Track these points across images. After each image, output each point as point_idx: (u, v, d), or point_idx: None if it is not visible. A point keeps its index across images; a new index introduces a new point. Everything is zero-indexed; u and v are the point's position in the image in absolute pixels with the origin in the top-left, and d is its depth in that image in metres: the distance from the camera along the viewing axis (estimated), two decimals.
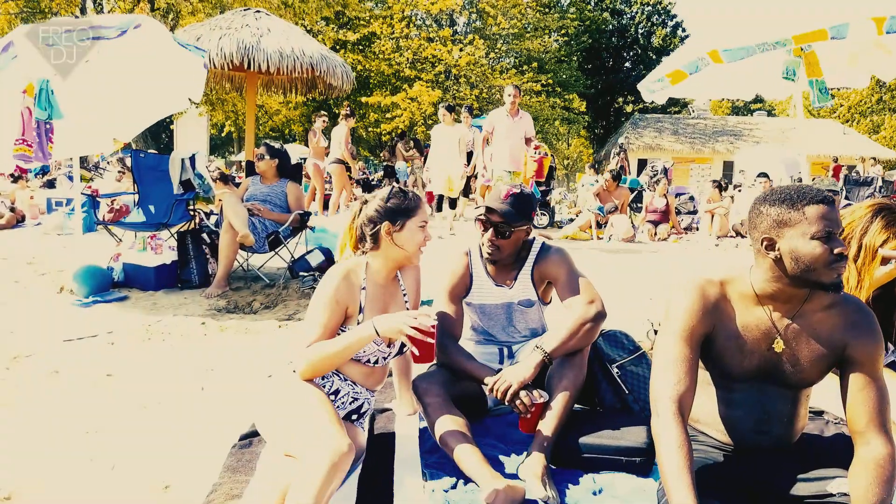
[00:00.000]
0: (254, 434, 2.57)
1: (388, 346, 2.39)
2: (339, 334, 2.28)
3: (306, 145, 34.71)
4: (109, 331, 4.08)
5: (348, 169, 11.08)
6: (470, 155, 10.86)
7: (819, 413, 2.71)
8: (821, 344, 1.90)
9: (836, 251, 1.74)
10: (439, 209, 10.75)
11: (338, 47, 25.70)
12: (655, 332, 3.84)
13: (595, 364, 2.68)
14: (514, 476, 2.25)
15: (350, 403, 2.37)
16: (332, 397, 2.32)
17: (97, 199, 6.40)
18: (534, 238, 2.79)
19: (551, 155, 8.94)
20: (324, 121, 11.32)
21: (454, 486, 2.21)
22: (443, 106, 9.73)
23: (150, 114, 5.91)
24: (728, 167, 28.75)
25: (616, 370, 2.66)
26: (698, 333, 1.90)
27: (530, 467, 2.19)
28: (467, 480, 2.22)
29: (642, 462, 2.30)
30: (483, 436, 2.57)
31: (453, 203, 10.02)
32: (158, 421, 2.78)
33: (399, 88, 27.15)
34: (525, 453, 2.33)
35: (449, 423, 2.31)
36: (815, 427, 2.52)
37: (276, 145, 5.71)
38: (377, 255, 2.40)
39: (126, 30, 4.82)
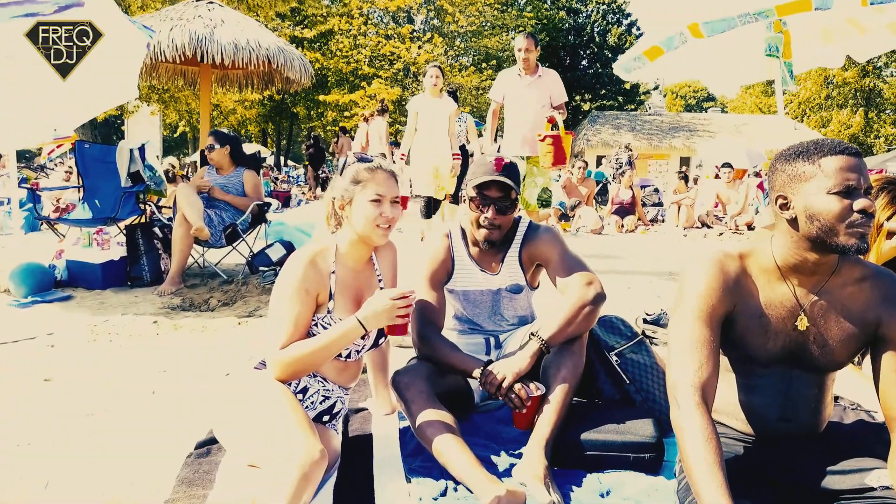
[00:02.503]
0: (212, 441, 2.26)
1: (363, 337, 2.12)
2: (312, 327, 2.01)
3: (264, 145, 33.97)
4: (49, 332, 3.71)
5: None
6: (463, 150, 8.63)
7: (834, 399, 2.52)
8: (851, 321, 1.69)
9: (857, 207, 1.52)
10: (428, 215, 7.29)
11: (294, 45, 25.21)
12: (644, 320, 3.64)
13: (591, 352, 2.44)
14: (509, 477, 2.00)
15: (321, 403, 2.10)
16: (300, 396, 2.05)
17: (38, 192, 5.95)
18: (519, 217, 2.55)
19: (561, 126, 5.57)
20: (371, 115, 10.96)
21: (444, 493, 1.95)
22: (431, 65, 6.79)
23: (96, 103, 5.49)
24: (685, 162, 29.05)
25: (615, 358, 2.42)
26: (718, 313, 1.68)
27: (530, 468, 1.95)
28: (458, 485, 1.97)
29: (652, 458, 2.07)
30: (472, 434, 2.31)
31: (436, 206, 7.28)
32: (103, 429, 2.45)
33: (357, 86, 26.76)
34: (522, 453, 2.08)
35: (435, 422, 2.05)
36: (835, 414, 2.32)
37: (226, 131, 5.36)
38: (344, 235, 2.14)
39: (67, 6, 4.43)
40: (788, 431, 1.79)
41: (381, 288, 2.23)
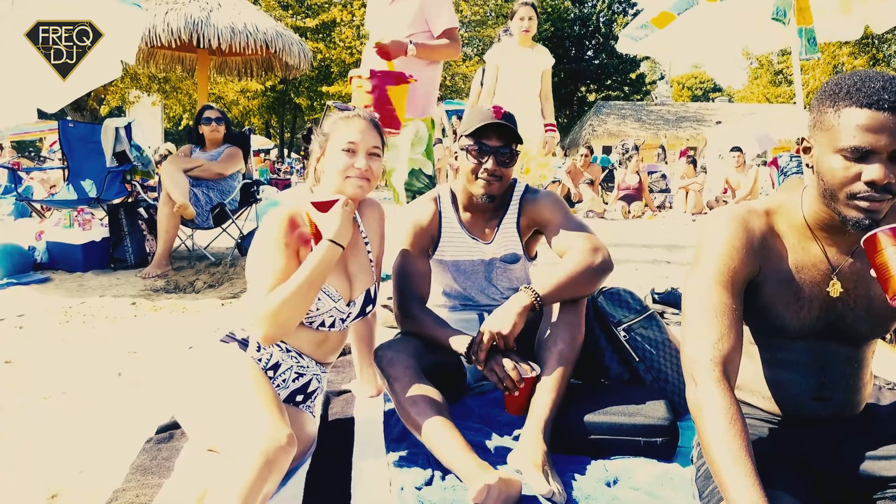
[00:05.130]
0: (175, 426, 2.04)
1: (348, 304, 1.90)
2: None
3: (268, 137, 33.80)
4: (20, 314, 3.49)
5: None
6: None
7: None
8: None
9: (865, 178, 1.25)
10: None
11: (297, 35, 24.99)
12: (654, 299, 3.41)
13: (597, 327, 2.21)
14: (504, 464, 1.77)
15: (294, 381, 1.87)
16: (271, 374, 1.82)
17: (18, 172, 5.74)
18: (514, 179, 2.30)
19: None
20: None
21: (429, 482, 1.72)
22: (522, 2, 4.73)
23: (81, 82, 5.27)
24: (690, 156, 28.76)
25: (622, 333, 2.19)
26: (741, 277, 1.43)
27: (527, 455, 1.71)
28: (446, 474, 1.74)
29: (665, 443, 1.84)
30: (464, 418, 2.08)
31: None
32: (58, 413, 2.23)
33: None
34: (517, 438, 1.85)
35: (421, 401, 1.81)
36: (871, 395, 2.09)
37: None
38: (321, 192, 1.93)
39: None
40: (824, 412, 1.55)
41: (369, 251, 2.01)
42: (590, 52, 39.64)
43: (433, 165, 3.78)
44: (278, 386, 1.84)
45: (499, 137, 2.09)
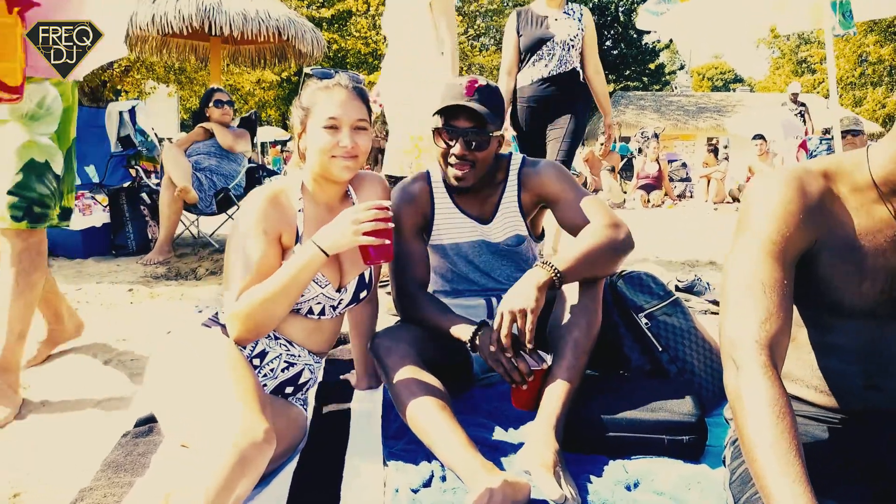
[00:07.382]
0: (155, 418, 1.89)
1: (338, 290, 1.73)
2: None
3: (285, 129, 33.94)
4: None
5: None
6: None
7: None
8: None
9: None
10: None
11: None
12: (677, 287, 3.21)
13: (615, 314, 2.02)
14: (507, 458, 1.60)
15: (283, 371, 1.70)
16: (257, 362, 1.66)
17: None
18: (510, 153, 2.10)
19: None
20: None
21: (427, 483, 1.55)
22: None
23: (86, 62, 5.17)
24: (711, 143, 28.34)
25: (644, 320, 1.99)
26: (795, 248, 1.23)
27: (537, 454, 1.53)
28: (446, 473, 1.57)
29: (691, 442, 1.65)
30: (468, 413, 1.91)
31: None
32: (34, 404, 2.08)
33: (376, 67, 26.34)
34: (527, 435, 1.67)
35: (420, 395, 1.64)
36: None
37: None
38: (307, 170, 1.76)
39: None
40: (879, 404, 1.35)
41: None
42: (608, 42, 39.09)
43: (65, 155, 2.21)
44: (265, 376, 1.68)
45: (469, 118, 1.87)
